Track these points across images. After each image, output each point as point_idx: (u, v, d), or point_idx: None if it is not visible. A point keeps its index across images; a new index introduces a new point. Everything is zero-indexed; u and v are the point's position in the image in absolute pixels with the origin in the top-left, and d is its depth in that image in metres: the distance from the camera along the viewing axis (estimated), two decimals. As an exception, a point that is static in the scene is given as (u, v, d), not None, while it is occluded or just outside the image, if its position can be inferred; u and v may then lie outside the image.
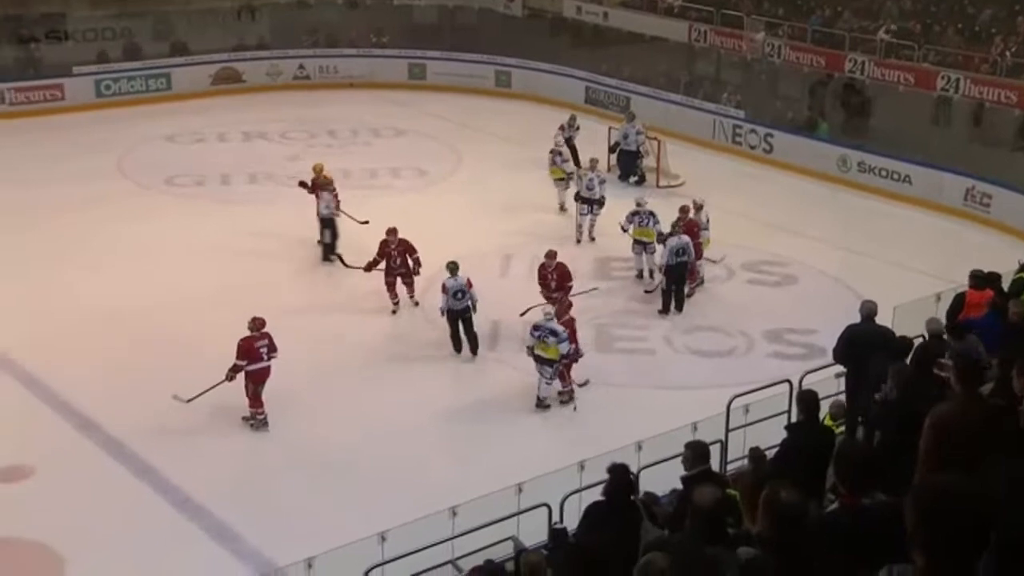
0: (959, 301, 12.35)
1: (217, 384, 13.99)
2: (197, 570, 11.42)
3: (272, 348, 14.23)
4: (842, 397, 11.31)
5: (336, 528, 11.21)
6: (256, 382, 14.21)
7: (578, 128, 24.57)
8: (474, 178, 24.42)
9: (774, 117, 27.05)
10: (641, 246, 18.81)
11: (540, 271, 17.23)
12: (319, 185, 20.06)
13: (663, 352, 17.00)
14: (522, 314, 16.35)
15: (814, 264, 20.06)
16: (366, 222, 19.33)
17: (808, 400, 9.26)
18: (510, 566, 8.68)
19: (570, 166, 22.39)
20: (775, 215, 22.34)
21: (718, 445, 11.09)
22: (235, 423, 14.34)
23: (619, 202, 20.43)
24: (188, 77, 31.02)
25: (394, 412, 14.76)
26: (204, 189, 23.49)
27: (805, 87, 27.04)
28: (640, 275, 19.03)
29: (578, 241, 20.51)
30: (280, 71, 32.34)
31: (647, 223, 18.62)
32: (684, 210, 18.30)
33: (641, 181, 23.43)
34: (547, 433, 14.32)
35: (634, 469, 10.33)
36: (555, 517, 10.17)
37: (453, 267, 16.14)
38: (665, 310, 17.90)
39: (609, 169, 23.57)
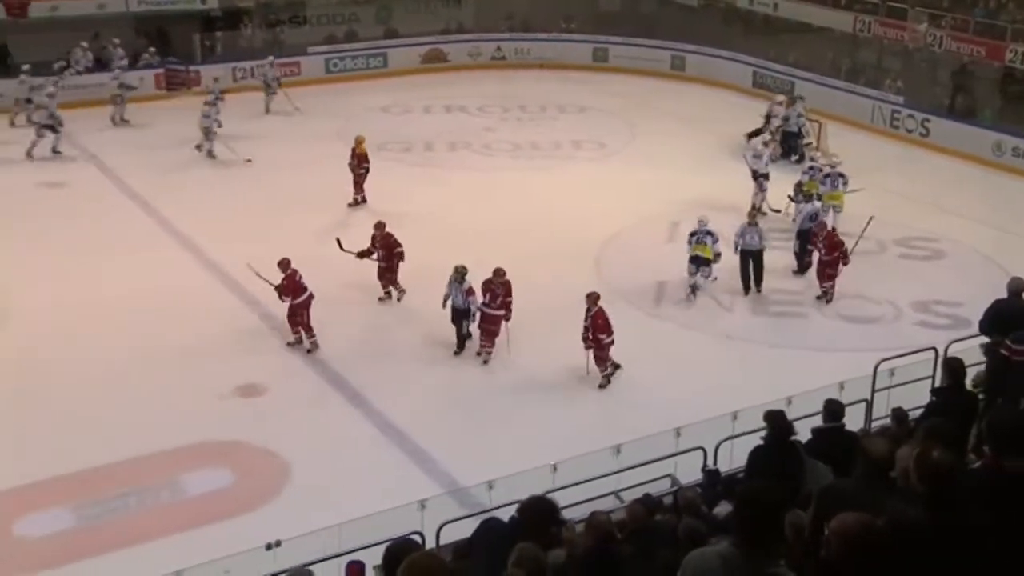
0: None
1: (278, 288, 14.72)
2: (393, 484, 11.69)
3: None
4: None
5: (516, 457, 11.31)
6: (305, 308, 14.79)
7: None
8: (648, 151, 24.12)
9: (932, 103, 25.81)
10: (696, 264, 16.60)
11: (484, 285, 14.88)
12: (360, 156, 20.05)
13: (814, 316, 16.51)
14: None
15: (965, 241, 19.08)
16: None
17: (954, 366, 8.83)
18: (667, 500, 8.60)
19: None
20: (929, 195, 21.36)
21: (863, 404, 10.75)
22: (437, 357, 14.66)
23: (780, 179, 20.02)
24: (401, 57, 31.64)
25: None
26: (409, 154, 23.90)
27: (958, 75, 25.79)
28: (693, 292, 16.69)
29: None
30: (480, 52, 32.62)
31: (705, 240, 16.52)
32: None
33: (801, 160, 22.68)
34: (704, 384, 14.10)
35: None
36: (709, 460, 10.04)
37: (461, 273, 14.77)
38: (803, 271, 17.53)
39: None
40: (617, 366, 14.29)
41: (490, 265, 14.88)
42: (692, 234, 16.67)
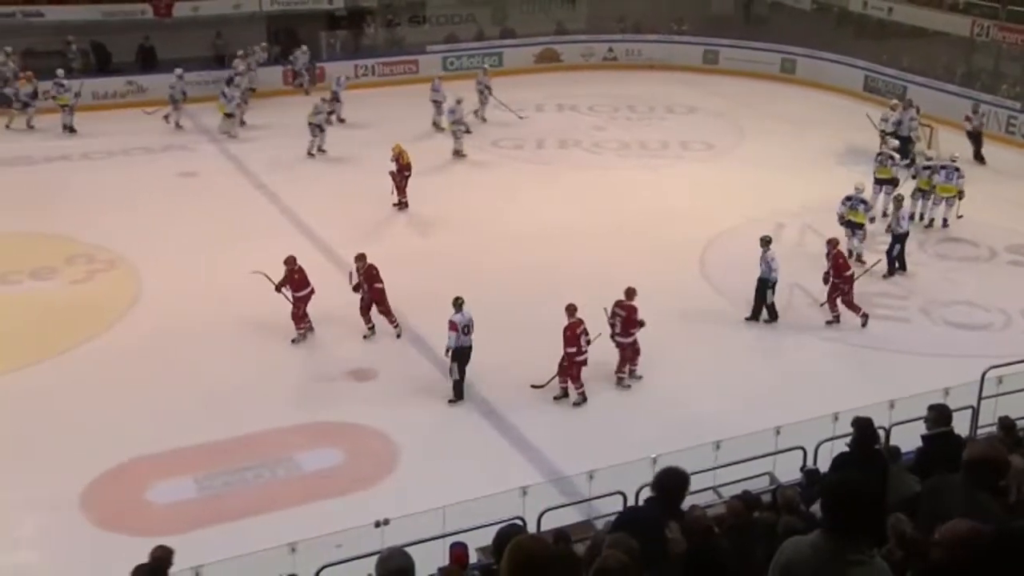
0: None
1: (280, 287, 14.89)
2: (496, 470, 11.76)
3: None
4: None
5: (616, 449, 11.27)
6: (305, 303, 14.87)
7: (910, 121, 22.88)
8: (756, 153, 23.71)
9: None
10: (851, 228, 17.40)
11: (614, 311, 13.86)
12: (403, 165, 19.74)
13: (919, 321, 16.02)
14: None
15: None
16: None
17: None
18: (766, 498, 8.45)
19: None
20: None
21: (969, 412, 10.38)
22: (539, 353, 14.66)
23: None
24: (516, 56, 31.76)
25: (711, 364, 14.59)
26: (521, 151, 23.96)
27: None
28: (851, 255, 16.98)
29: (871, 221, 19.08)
30: (592, 53, 32.51)
31: (859, 207, 17.35)
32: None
33: (911, 164, 22.01)
34: (805, 385, 13.80)
35: (886, 424, 9.87)
36: (809, 460, 9.83)
37: (459, 301, 13.31)
38: (893, 272, 17.20)
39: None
40: (579, 399, 13.42)
41: (596, 261, 14.86)
42: (847, 198, 17.40)
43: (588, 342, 13.27)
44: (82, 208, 19.74)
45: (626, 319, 13.68)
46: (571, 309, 13.29)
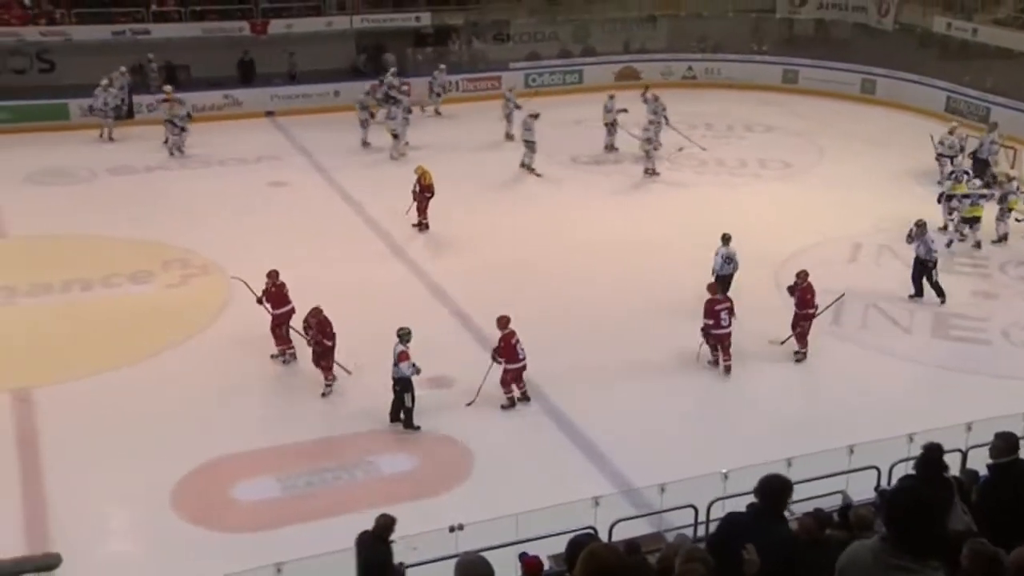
0: None
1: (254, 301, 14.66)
2: (568, 480, 11.73)
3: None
4: None
5: (689, 462, 11.16)
6: (285, 322, 14.57)
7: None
8: (834, 173, 23.32)
9: None
10: (969, 224, 18.55)
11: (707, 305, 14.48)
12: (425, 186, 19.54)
13: (999, 344, 15.55)
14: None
15: None
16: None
17: None
18: (836, 517, 8.27)
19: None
20: None
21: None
22: (621, 359, 14.60)
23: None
24: (596, 73, 31.78)
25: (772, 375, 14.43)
26: (599, 167, 23.90)
27: None
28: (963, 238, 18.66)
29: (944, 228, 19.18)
30: (671, 71, 32.37)
31: (979, 203, 18.56)
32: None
33: (988, 187, 21.44)
34: (880, 405, 13.50)
35: (963, 447, 9.61)
36: (883, 480, 9.61)
37: (402, 334, 12.83)
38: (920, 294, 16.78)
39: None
40: (525, 398, 13.58)
41: (672, 277, 14.77)
42: (965, 196, 18.57)
43: (523, 350, 13.39)
44: (178, 215, 20.27)
45: (730, 310, 14.27)
46: (504, 321, 13.38)
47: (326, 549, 8.99)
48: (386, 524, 8.70)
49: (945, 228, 19.11)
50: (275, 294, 14.67)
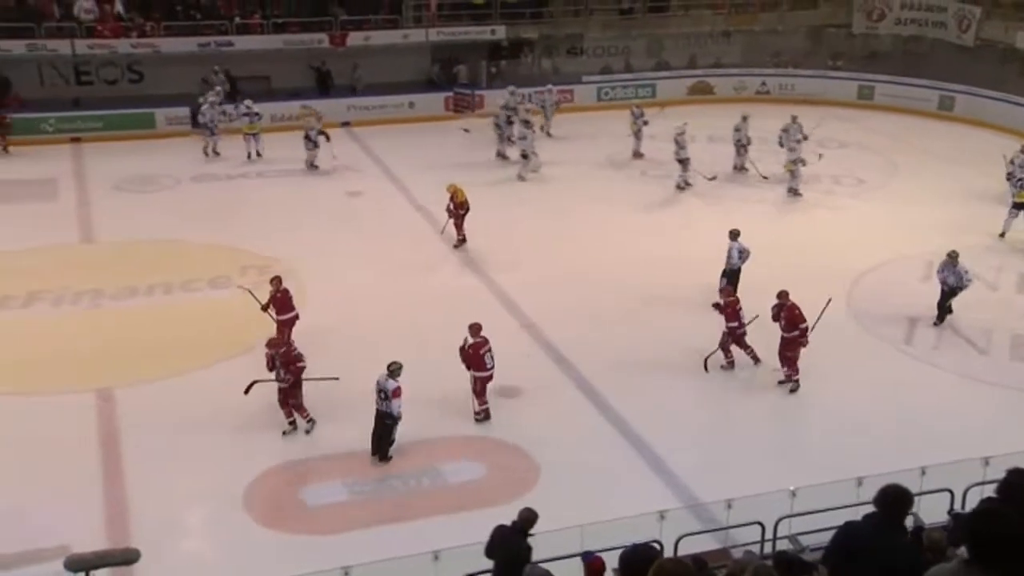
0: None
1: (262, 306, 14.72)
2: (634, 492, 11.64)
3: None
4: None
5: (755, 479, 10.99)
6: (290, 327, 14.58)
7: None
8: (909, 190, 22.87)
9: None
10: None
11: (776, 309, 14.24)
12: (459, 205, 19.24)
13: (1082, 367, 15.05)
14: None
15: None
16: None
17: None
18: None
19: None
20: None
21: None
22: (691, 374, 14.46)
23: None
24: (669, 87, 31.65)
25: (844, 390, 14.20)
26: (670, 180, 23.72)
27: None
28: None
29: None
30: (745, 86, 32.10)
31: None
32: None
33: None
34: (954, 426, 13.15)
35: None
36: (956, 504, 9.35)
37: (394, 369, 12.21)
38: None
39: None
40: (482, 416, 13.34)
41: (745, 291, 14.60)
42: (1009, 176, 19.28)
43: (492, 360, 13.24)
44: (256, 222, 20.66)
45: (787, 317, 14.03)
46: (476, 328, 13.24)
47: (390, 554, 9.04)
48: (529, 518, 8.60)
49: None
50: (280, 300, 14.80)
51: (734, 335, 14.51)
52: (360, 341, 15.42)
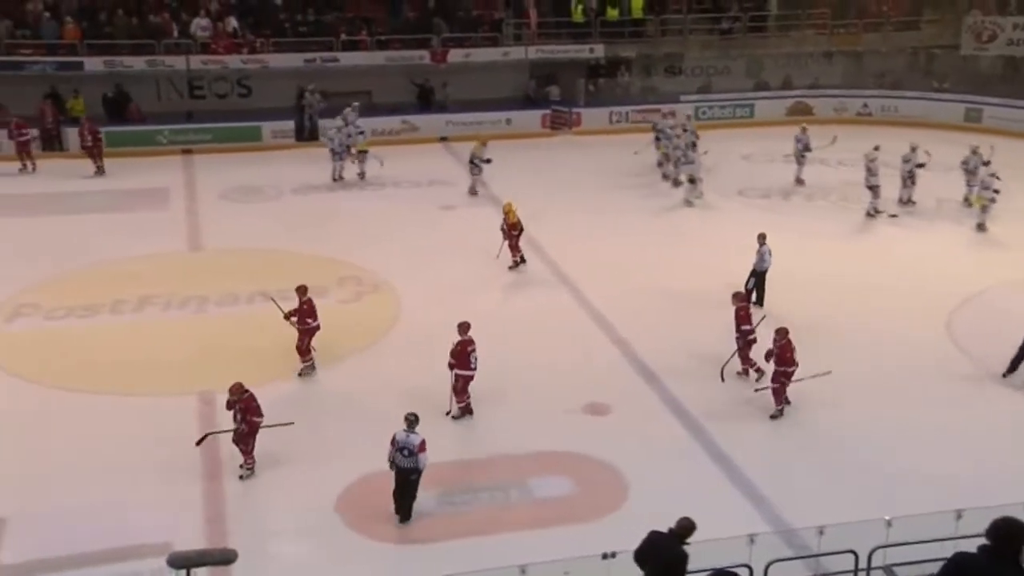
0: None
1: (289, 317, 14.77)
2: (724, 514, 11.43)
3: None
4: None
5: (849, 505, 10.73)
6: (311, 336, 14.73)
7: None
8: (1016, 215, 22.05)
9: None
10: None
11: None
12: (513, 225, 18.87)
13: None
14: None
15: None
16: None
17: None
18: None
19: None
20: None
21: None
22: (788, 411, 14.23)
23: None
24: (767, 108, 31.30)
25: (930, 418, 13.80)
26: (766, 201, 23.42)
27: None
28: None
29: None
30: (845, 108, 31.53)
31: None
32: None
33: None
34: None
35: None
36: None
37: (412, 420, 11.50)
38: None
39: None
40: (468, 412, 13.67)
41: (838, 316, 14.29)
42: None
43: (476, 361, 13.51)
44: (354, 234, 21.05)
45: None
46: (465, 327, 13.51)
47: (477, 567, 9.05)
48: (689, 527, 8.56)
49: None
50: (305, 310, 14.93)
51: (746, 339, 14.53)
52: (448, 352, 15.54)
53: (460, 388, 13.67)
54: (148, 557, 10.48)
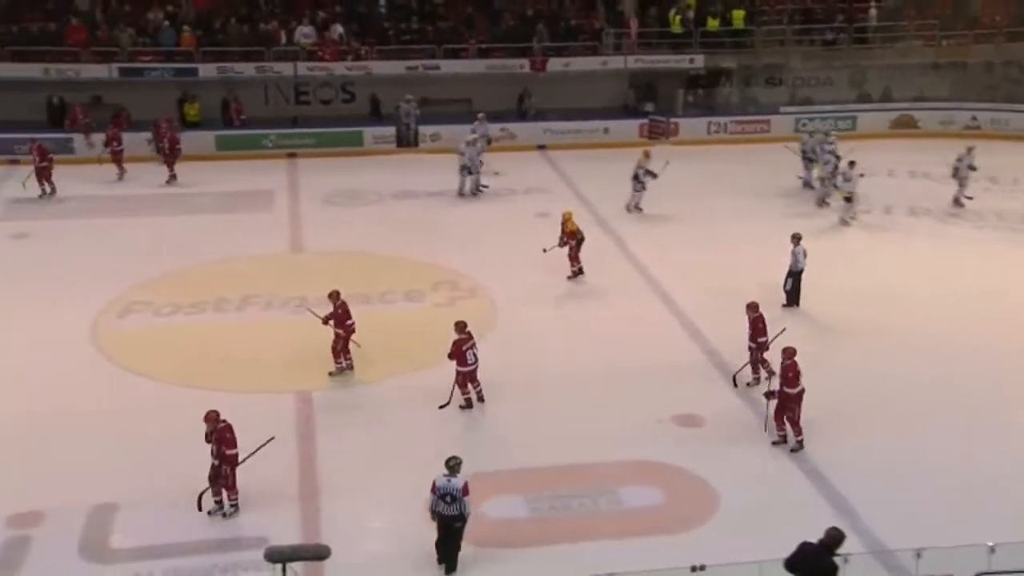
0: None
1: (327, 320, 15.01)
2: (814, 529, 11.14)
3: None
4: None
5: (947, 528, 10.39)
6: (347, 338, 14.98)
7: None
8: None
9: None
10: None
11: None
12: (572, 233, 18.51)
13: None
14: None
15: None
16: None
17: None
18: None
19: None
20: None
21: None
22: (873, 414, 13.86)
23: None
24: (870, 120, 30.60)
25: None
26: (868, 216, 22.82)
27: None
28: None
29: None
30: (952, 121, 30.56)
31: None
32: None
33: None
34: None
35: None
36: None
37: (453, 465, 10.64)
38: None
39: None
40: (480, 399, 14.14)
41: (932, 329, 13.87)
42: None
43: (476, 356, 14.00)
44: (451, 239, 21.27)
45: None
46: (461, 326, 13.95)
47: (562, 573, 9.04)
48: (837, 537, 8.67)
49: None
50: (340, 315, 15.07)
51: (761, 349, 14.44)
52: (542, 358, 15.60)
53: (461, 382, 14.04)
54: (245, 550, 10.77)
